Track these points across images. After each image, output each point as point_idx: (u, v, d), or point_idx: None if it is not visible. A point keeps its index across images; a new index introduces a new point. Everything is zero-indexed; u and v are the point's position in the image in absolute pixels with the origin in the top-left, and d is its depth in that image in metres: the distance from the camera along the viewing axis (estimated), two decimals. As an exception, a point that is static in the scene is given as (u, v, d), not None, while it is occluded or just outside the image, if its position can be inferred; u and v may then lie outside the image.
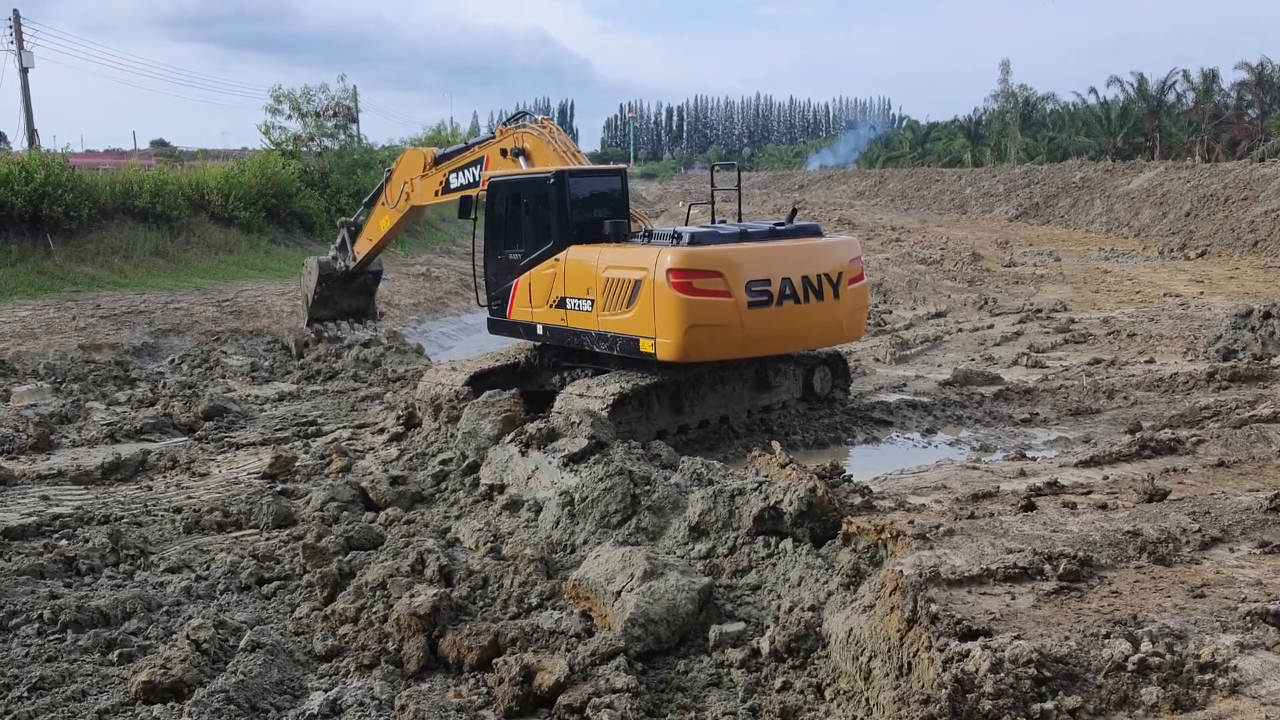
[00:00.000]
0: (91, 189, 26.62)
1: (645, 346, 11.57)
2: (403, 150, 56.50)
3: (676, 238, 11.81)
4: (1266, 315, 15.40)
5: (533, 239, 13.07)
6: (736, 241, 12.01)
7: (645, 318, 11.51)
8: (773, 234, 12.44)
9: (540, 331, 13.08)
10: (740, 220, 14.02)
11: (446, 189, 16.55)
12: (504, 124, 16.00)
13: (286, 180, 34.10)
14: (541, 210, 12.92)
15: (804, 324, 12.20)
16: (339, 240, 19.75)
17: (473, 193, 15.10)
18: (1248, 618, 5.32)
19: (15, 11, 39.00)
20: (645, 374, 12.05)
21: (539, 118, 15.91)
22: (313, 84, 45.76)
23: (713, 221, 13.48)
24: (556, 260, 12.66)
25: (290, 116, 38.56)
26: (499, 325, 13.95)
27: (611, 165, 17.74)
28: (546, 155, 14.44)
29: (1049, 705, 4.59)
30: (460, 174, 16.14)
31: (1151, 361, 15.96)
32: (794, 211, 14.51)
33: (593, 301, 12.13)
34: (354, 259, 19.33)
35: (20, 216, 24.40)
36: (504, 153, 15.26)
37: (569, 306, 12.52)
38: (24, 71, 38.80)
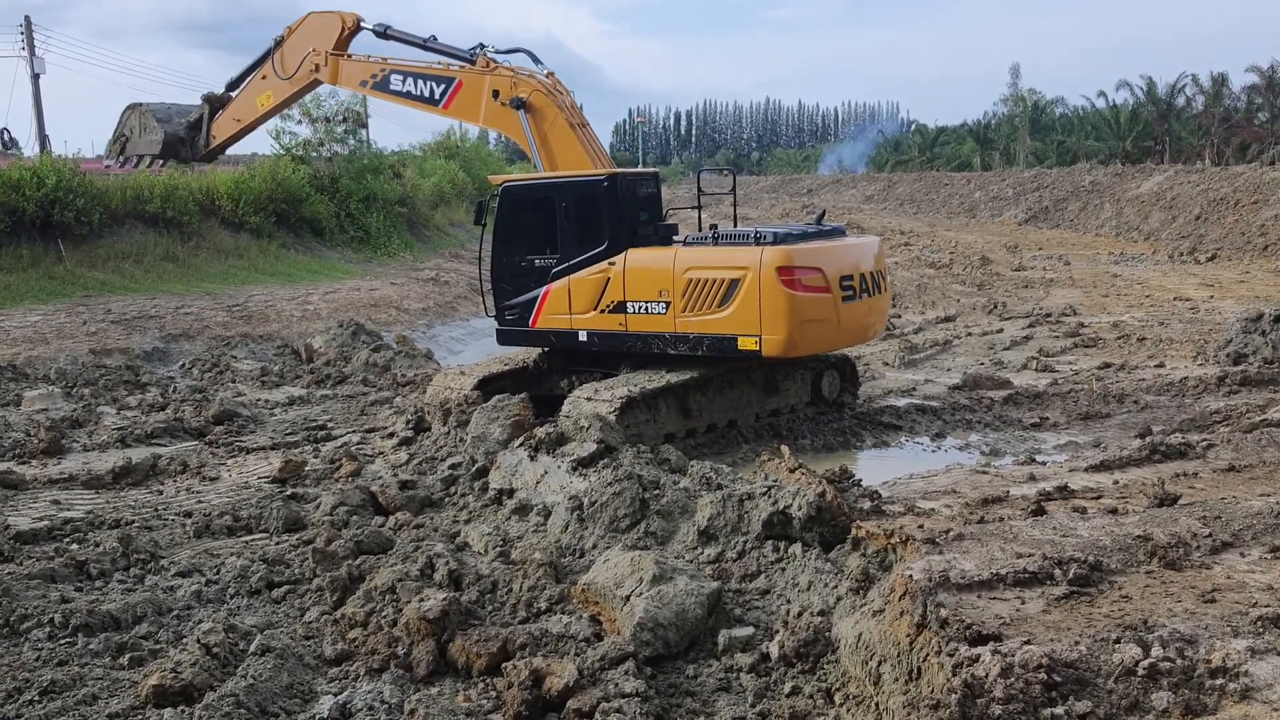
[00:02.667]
0: (102, 194, 26.70)
1: (746, 344, 11.78)
2: (412, 155, 56.56)
3: (761, 237, 12.04)
4: (1277, 319, 15.34)
5: (574, 243, 12.78)
6: (815, 240, 12.46)
7: (746, 316, 11.70)
8: (824, 234, 12.84)
9: (584, 338, 12.89)
10: (735, 225, 14.06)
11: (384, 86, 14.19)
12: (495, 53, 13.77)
13: (296, 185, 34.18)
14: (589, 213, 12.69)
15: (871, 316, 12.83)
16: (194, 116, 16.62)
17: (416, 105, 13.80)
18: (1259, 623, 5.30)
19: (26, 18, 39.26)
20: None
21: (548, 70, 13.76)
22: (323, 90, 45.97)
23: (734, 225, 13.43)
24: (611, 264, 12.56)
25: (300, 122, 38.63)
26: (517, 336, 13.49)
27: (646, 169, 16.78)
28: (556, 123, 13.23)
29: (1059, 710, 4.58)
30: (413, 82, 13.97)
31: (1161, 365, 15.92)
32: (822, 214, 14.74)
33: (668, 304, 12.21)
34: (210, 141, 16.50)
35: (32, 221, 24.50)
36: (495, 94, 13.41)
37: (630, 310, 12.49)
38: (35, 77, 38.98)
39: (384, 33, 14.51)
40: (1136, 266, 30.80)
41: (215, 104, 16.18)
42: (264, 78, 15.33)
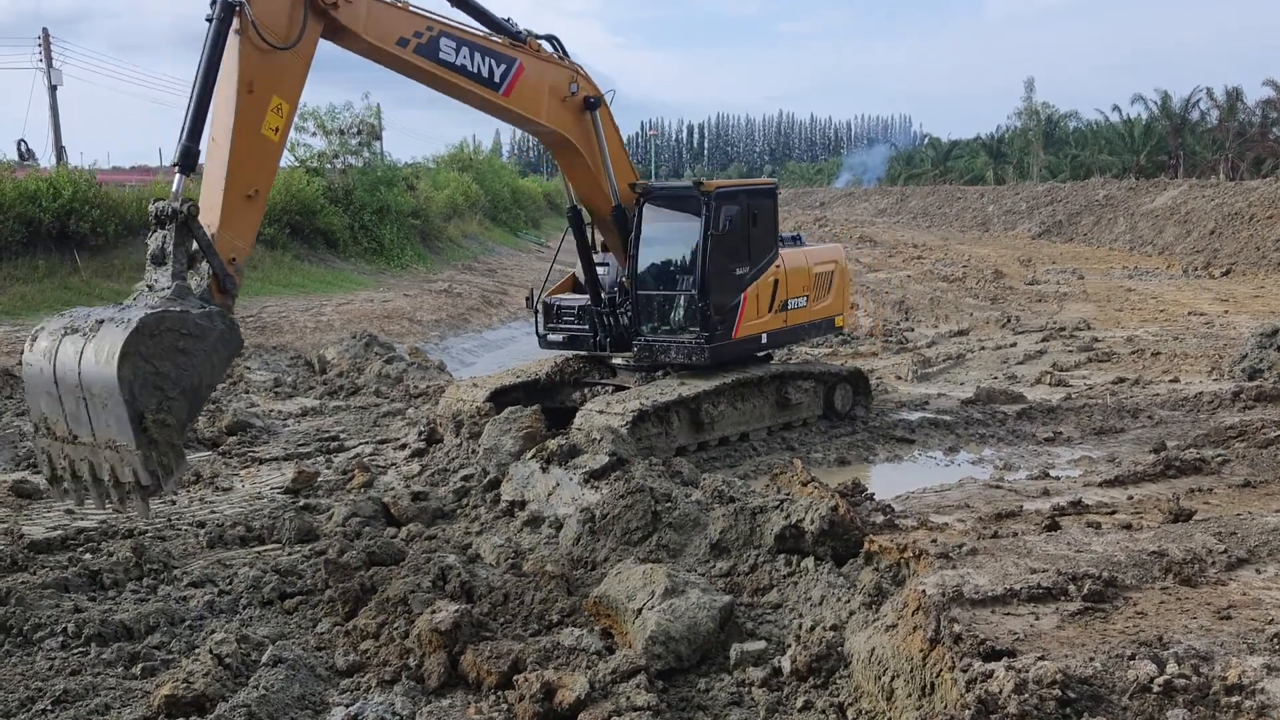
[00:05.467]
0: (118, 205, 26.84)
1: (839, 321, 15.08)
2: (426, 168, 56.60)
3: (800, 239, 15.15)
4: (1292, 334, 15.28)
5: (761, 249, 13.18)
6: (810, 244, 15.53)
7: (838, 299, 14.75)
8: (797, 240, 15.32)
9: (764, 340, 13.52)
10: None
11: (430, 52, 10.25)
12: (554, 46, 11.80)
13: (311, 197, 34.34)
14: (765, 219, 13.26)
15: None
16: (177, 263, 7.91)
17: (471, 86, 10.67)
18: (1275, 639, 5.27)
19: (44, 30, 39.50)
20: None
21: (578, 64, 12.16)
22: (338, 102, 46.19)
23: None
24: (777, 266, 13.43)
25: (315, 134, 38.86)
26: (726, 351, 12.74)
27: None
28: (611, 132, 12.45)
29: (1073, 727, 4.55)
30: (469, 54, 10.60)
31: (1176, 380, 15.86)
32: (798, 228, 16.19)
33: (808, 296, 14.00)
34: (226, 270, 8.20)
35: (48, 232, 24.65)
36: (572, 89, 11.74)
37: (790, 307, 13.73)
38: (53, 89, 39.22)
39: None
40: (1151, 281, 30.71)
41: (186, 216, 7.94)
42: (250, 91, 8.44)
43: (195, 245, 7.99)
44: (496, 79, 10.91)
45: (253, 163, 8.52)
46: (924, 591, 5.59)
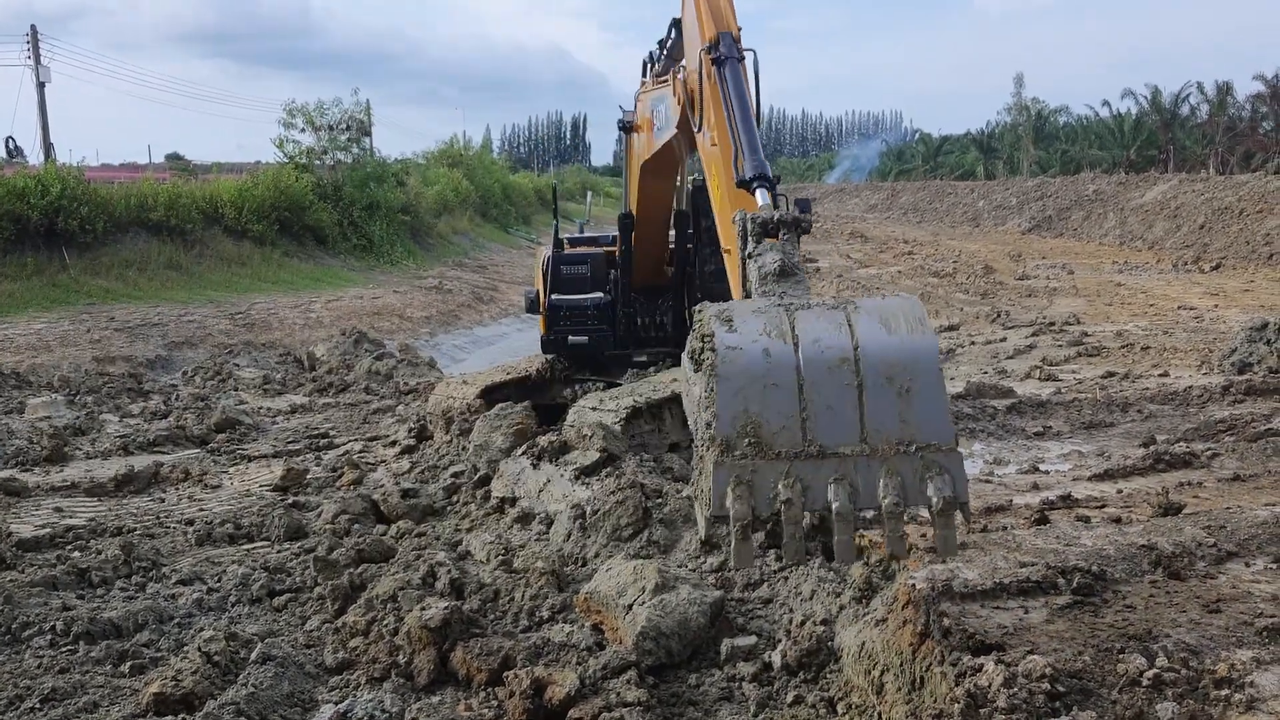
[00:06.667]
0: (107, 202, 26.80)
1: None
2: (416, 164, 56.66)
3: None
4: (1282, 328, 15.31)
5: None
6: None
7: None
8: None
9: None
10: None
11: (656, 132, 10.09)
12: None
13: (300, 193, 34.28)
14: None
15: None
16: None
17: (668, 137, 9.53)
18: (1264, 633, 5.28)
19: (33, 27, 39.39)
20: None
21: None
22: (327, 98, 46.11)
23: None
24: None
25: (304, 130, 38.81)
26: None
27: None
28: None
29: (1063, 721, 4.56)
30: (658, 108, 9.82)
31: (1166, 375, 15.88)
32: None
33: None
34: None
35: (36, 230, 24.58)
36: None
37: None
38: (41, 86, 39.08)
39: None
40: (1140, 275, 30.77)
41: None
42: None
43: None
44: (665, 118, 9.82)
45: None
46: (914, 586, 5.59)
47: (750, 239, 5.50)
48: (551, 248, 14.11)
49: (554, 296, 13.36)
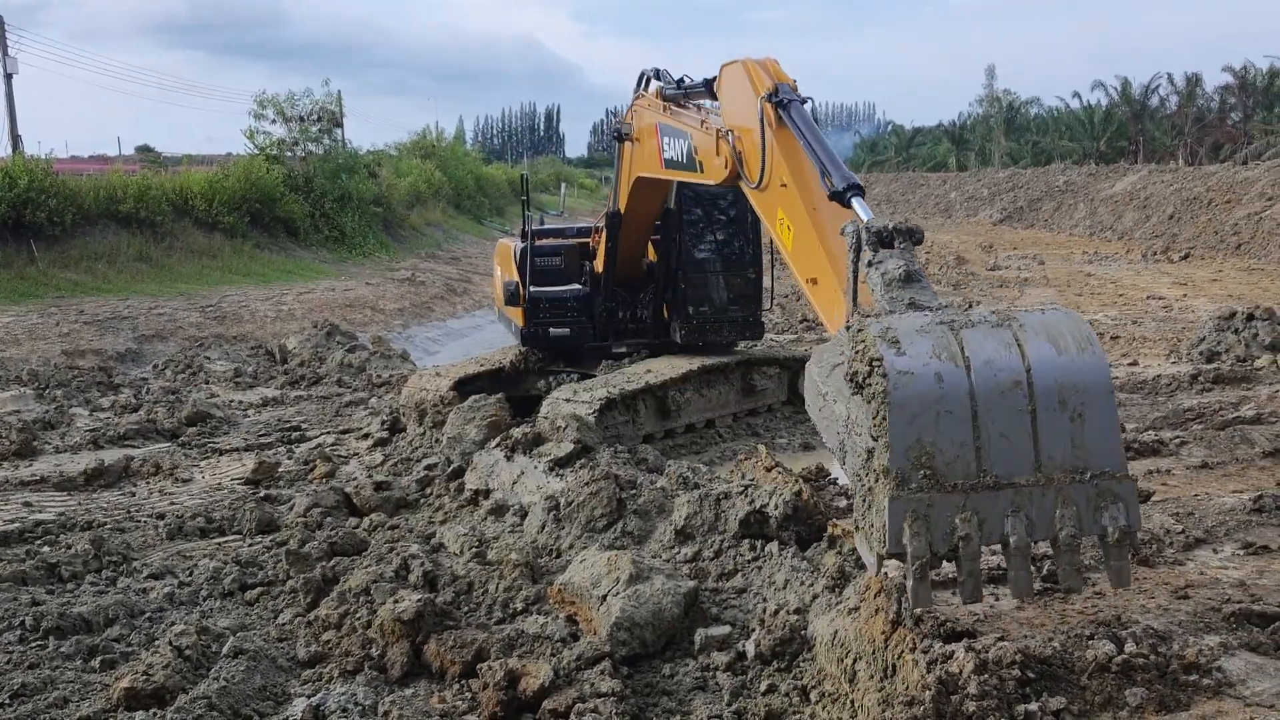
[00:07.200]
0: (75, 195, 26.54)
1: None
2: (388, 155, 56.35)
3: None
4: (1250, 317, 15.47)
5: None
6: None
7: None
8: None
9: None
10: None
11: (666, 161, 10.14)
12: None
13: (270, 185, 34.04)
14: None
15: None
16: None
17: (686, 177, 9.89)
18: (1231, 619, 5.34)
19: (-1, 18, 38.85)
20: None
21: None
22: (298, 89, 45.77)
23: None
24: None
25: (274, 121, 38.54)
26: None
27: None
28: None
29: (1033, 706, 4.60)
30: (672, 139, 9.91)
31: (1135, 364, 16.01)
32: None
33: None
34: None
35: (4, 222, 24.32)
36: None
37: None
38: (8, 78, 38.61)
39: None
40: (1110, 265, 31.01)
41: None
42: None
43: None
44: (685, 153, 9.91)
45: None
46: (886, 574, 5.62)
47: (866, 247, 5.45)
48: (519, 240, 14.10)
49: (533, 289, 13.35)
